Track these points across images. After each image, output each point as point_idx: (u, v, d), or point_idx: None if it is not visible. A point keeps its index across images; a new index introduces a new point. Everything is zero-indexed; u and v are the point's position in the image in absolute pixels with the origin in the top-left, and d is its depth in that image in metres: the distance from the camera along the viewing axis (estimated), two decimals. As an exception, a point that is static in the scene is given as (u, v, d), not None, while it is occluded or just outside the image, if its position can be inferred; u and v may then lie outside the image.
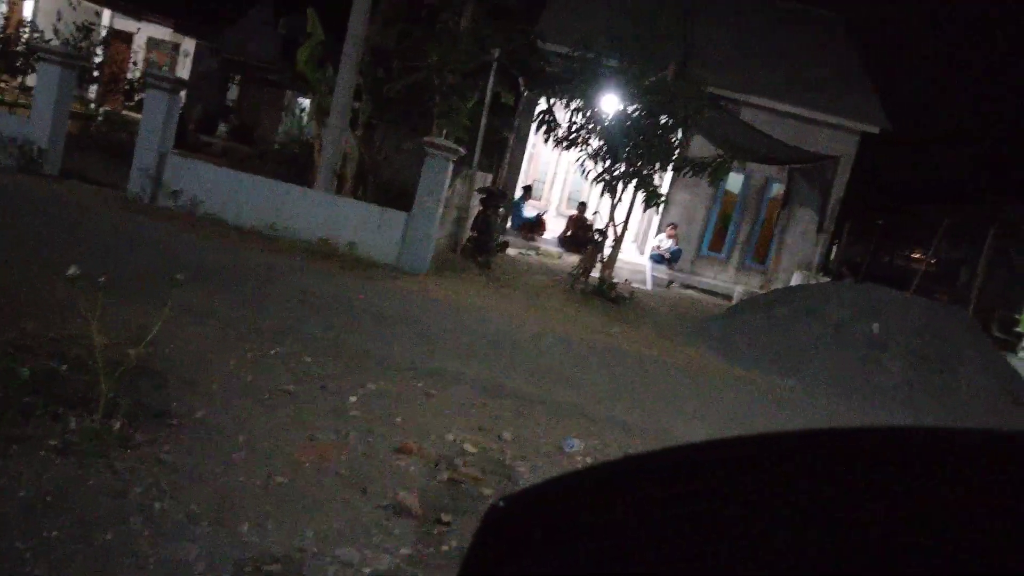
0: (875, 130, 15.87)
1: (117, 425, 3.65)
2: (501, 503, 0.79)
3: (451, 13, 12.59)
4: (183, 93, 11.67)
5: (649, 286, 15.00)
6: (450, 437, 4.70)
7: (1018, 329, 21.26)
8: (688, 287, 16.14)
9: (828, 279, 15.16)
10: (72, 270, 3.57)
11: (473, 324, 8.00)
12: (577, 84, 11.61)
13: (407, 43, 12.40)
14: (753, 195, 16.93)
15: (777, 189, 16.45)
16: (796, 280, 14.54)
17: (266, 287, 7.43)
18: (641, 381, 7.43)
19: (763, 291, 14.34)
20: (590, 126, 11.73)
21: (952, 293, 18.09)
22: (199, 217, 9.91)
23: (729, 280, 16.61)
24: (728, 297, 15.22)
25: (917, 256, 18.99)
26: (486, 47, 12.33)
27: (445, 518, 3.69)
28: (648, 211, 14.98)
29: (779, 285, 14.72)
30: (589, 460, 4.94)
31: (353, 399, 4.92)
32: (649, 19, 11.89)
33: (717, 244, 17.10)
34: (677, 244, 16.61)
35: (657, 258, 16.37)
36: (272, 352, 5.43)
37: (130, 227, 8.54)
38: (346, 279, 8.63)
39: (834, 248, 18.96)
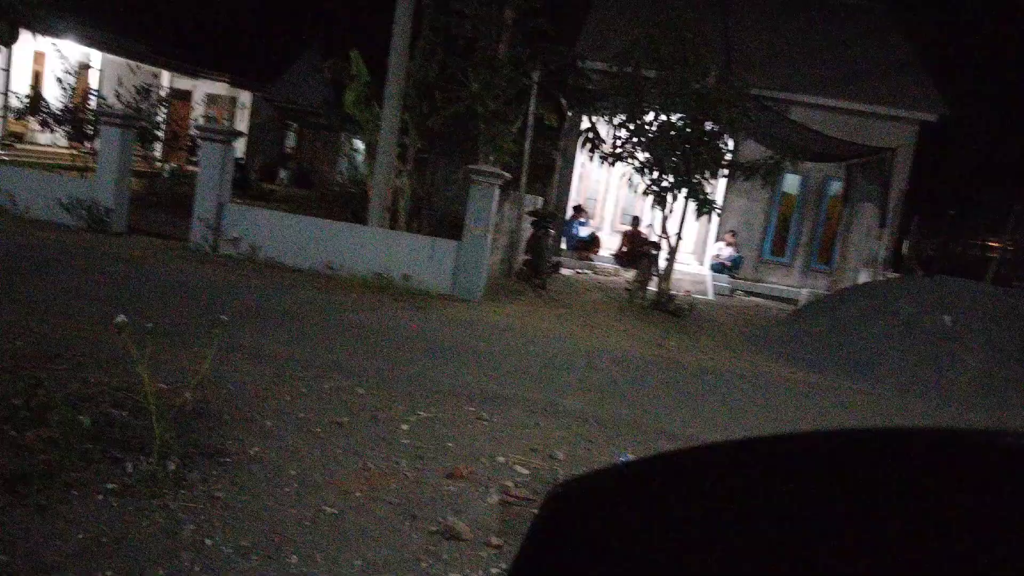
0: (933, 118, 15.34)
1: (172, 466, 3.76)
2: (560, 488, 0.81)
3: (488, 41, 12.75)
4: (237, 144, 12.10)
5: (710, 296, 14.75)
6: (501, 459, 4.69)
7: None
8: (751, 294, 15.80)
9: (897, 275, 14.63)
10: (119, 319, 3.71)
11: (526, 346, 7.99)
12: (618, 99, 11.58)
13: (447, 74, 12.60)
14: (812, 195, 16.52)
15: (836, 187, 16.02)
16: (863, 278, 14.08)
17: (320, 324, 7.59)
18: (699, 393, 7.29)
19: (830, 293, 13.93)
20: (634, 139, 11.67)
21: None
22: (258, 262, 10.21)
23: (794, 284, 16.20)
24: (794, 302, 14.84)
25: (992, 244, 18.17)
26: (525, 71, 12.43)
27: (495, 541, 3.67)
28: (706, 220, 14.77)
29: (846, 285, 14.28)
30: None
31: (405, 427, 4.96)
32: (687, 28, 11.81)
33: (779, 248, 16.72)
34: (737, 251, 16.31)
35: (717, 267, 16.09)
36: (325, 386, 5.52)
37: (190, 276, 8.85)
38: (400, 311, 8.75)
39: (904, 243, 18.30)
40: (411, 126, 12.71)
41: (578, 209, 16.65)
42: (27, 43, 17.22)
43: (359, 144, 21.78)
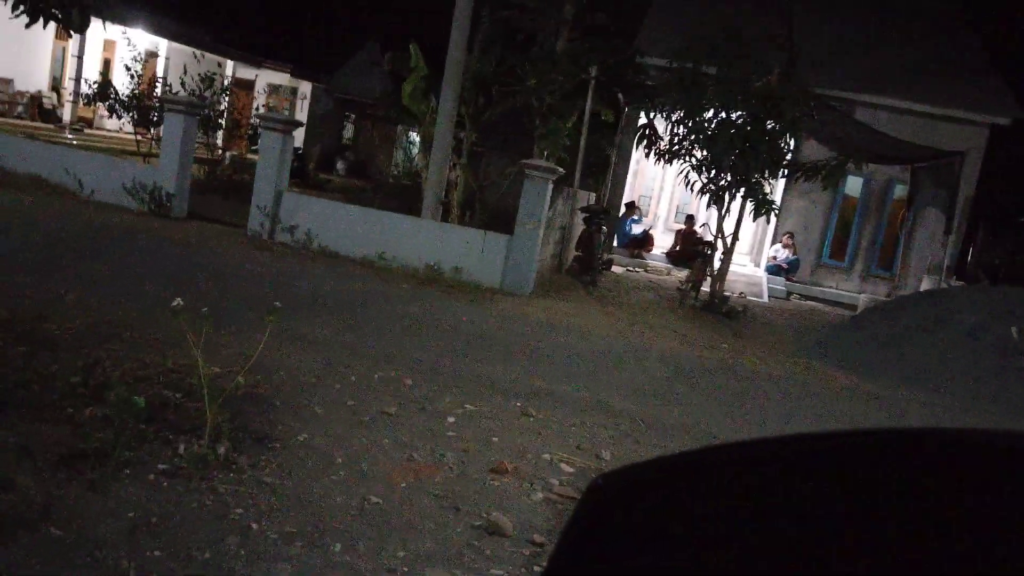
0: (1006, 121, 14.76)
1: (222, 449, 3.81)
2: (601, 480, 0.83)
3: (547, 35, 12.69)
4: (296, 133, 12.28)
5: (766, 299, 14.46)
6: (547, 457, 4.65)
7: None
8: (808, 298, 15.44)
9: (961, 283, 14.13)
10: (176, 302, 3.78)
11: (574, 343, 7.93)
12: (676, 96, 11.39)
13: (505, 69, 12.58)
14: (875, 198, 16.06)
15: (900, 190, 15.54)
16: (925, 286, 13.65)
17: (372, 314, 7.64)
18: (751, 398, 7.13)
19: (889, 299, 13.52)
20: (692, 137, 11.46)
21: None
22: (313, 250, 10.34)
23: (853, 289, 15.78)
24: (852, 307, 14.45)
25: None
26: (583, 66, 12.33)
27: (538, 539, 3.64)
28: (762, 221, 14.47)
29: (907, 292, 13.84)
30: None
31: (451, 420, 4.95)
32: (750, 24, 11.57)
33: (838, 252, 16.30)
34: (795, 254, 15.96)
35: (773, 269, 15.77)
36: (375, 376, 5.55)
37: (247, 262, 9.00)
38: (450, 303, 8.77)
39: (970, 251, 17.68)
40: (467, 119, 12.72)
41: (631, 206, 16.48)
42: (98, 31, 17.74)
43: (415, 137, 21.95)
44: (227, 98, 16.53)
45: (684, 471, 0.81)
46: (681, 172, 11.99)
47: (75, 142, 15.60)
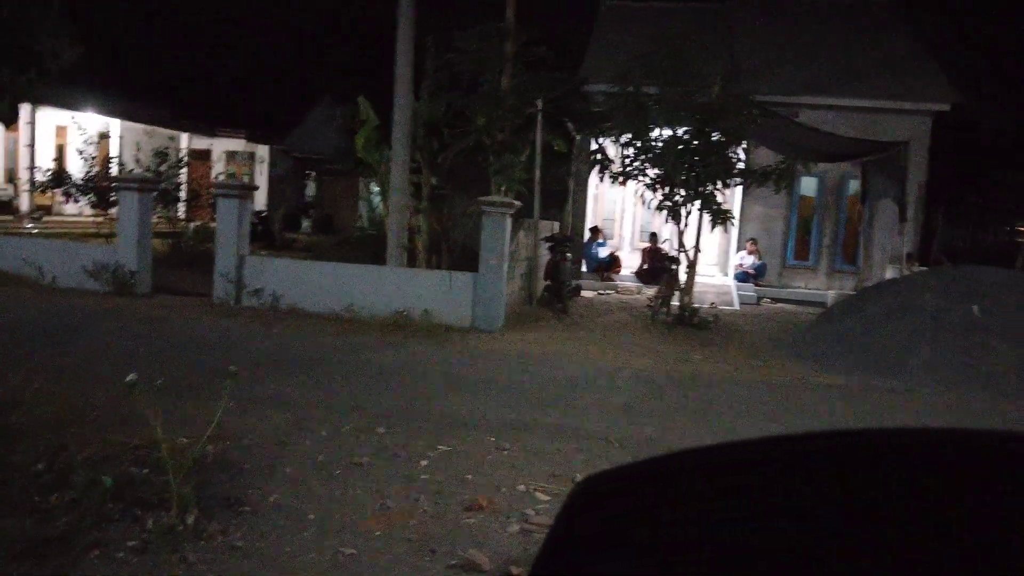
0: (946, 108, 15.17)
1: (191, 519, 3.79)
2: (583, 483, 0.82)
3: (491, 74, 12.92)
4: (258, 196, 12.34)
5: (736, 306, 14.60)
6: (521, 488, 4.66)
7: None
8: (778, 300, 15.62)
9: (924, 268, 14.38)
10: (130, 377, 3.79)
11: (547, 372, 7.97)
12: (623, 119, 11.62)
13: (454, 111, 12.77)
14: (830, 196, 16.38)
15: (854, 185, 15.86)
16: (890, 275, 13.87)
17: (341, 367, 7.64)
18: (725, 405, 7.19)
19: (856, 293, 13.72)
20: (643, 157, 11.67)
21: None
22: (280, 310, 10.34)
23: (821, 287, 16.00)
24: (822, 304, 14.63)
25: (1022, 230, 17.82)
26: (529, 100, 12.55)
27: (515, 571, 3.65)
28: (725, 230, 14.68)
29: (873, 284, 14.06)
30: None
31: (424, 463, 4.96)
32: (691, 40, 11.86)
33: (802, 252, 16.55)
34: (760, 259, 16.18)
35: (741, 276, 15.96)
36: (346, 428, 5.55)
37: (212, 331, 8.98)
38: (420, 347, 8.79)
39: (931, 236, 18.01)
40: (423, 164, 12.87)
41: (595, 230, 16.66)
42: (50, 118, 17.79)
43: (376, 187, 22.09)
44: (185, 170, 16.59)
45: (663, 474, 0.81)
46: (638, 192, 12.19)
47: (35, 230, 15.56)
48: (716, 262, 17.29)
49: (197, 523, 3.79)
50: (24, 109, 16.60)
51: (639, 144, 11.67)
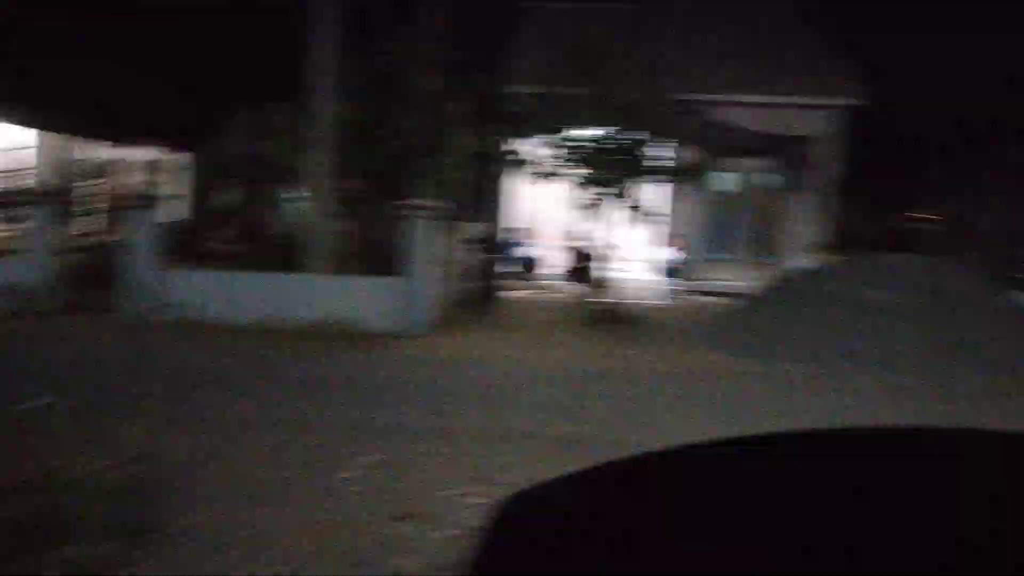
0: (856, 102, 15.82)
1: (110, 548, 3.68)
2: (505, 501, 0.82)
3: (413, 76, 12.84)
4: (176, 206, 11.99)
5: (661, 300, 14.91)
6: (452, 492, 4.67)
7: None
8: (701, 293, 16.01)
9: (835, 257, 14.97)
10: (40, 400, 3.65)
11: (474, 374, 8.00)
12: (544, 119, 11.74)
13: (377, 114, 12.66)
14: (746, 190, 16.88)
15: (770, 179, 16.38)
16: (803, 265, 14.38)
17: (264, 380, 7.50)
18: (652, 398, 7.35)
19: (774, 282, 14.19)
20: (565, 156, 11.82)
21: (968, 244, 17.77)
22: (200, 324, 10.06)
23: (741, 278, 16.45)
24: (742, 295, 15.04)
25: (926, 218, 18.77)
26: (454, 102, 12.54)
27: (446, 577, 3.66)
28: (650, 226, 14.97)
29: (790, 273, 14.56)
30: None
31: (351, 473, 4.92)
32: (611, 41, 12.06)
33: (721, 245, 17.03)
34: (683, 253, 16.53)
35: (664, 271, 16.28)
36: (269, 444, 5.46)
37: (129, 347, 8.70)
38: (344, 355, 8.70)
39: (843, 226, 18.76)
40: (347, 168, 12.71)
41: (520, 231, 16.77)
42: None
43: (298, 193, 21.70)
44: (97, 182, 15.97)
45: (586, 487, 0.81)
46: (563, 191, 12.34)
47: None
48: (639, 257, 17.60)
49: (112, 553, 3.68)
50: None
51: (561, 143, 11.82)
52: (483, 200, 15.40)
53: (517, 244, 16.40)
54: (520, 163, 12.40)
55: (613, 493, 0.80)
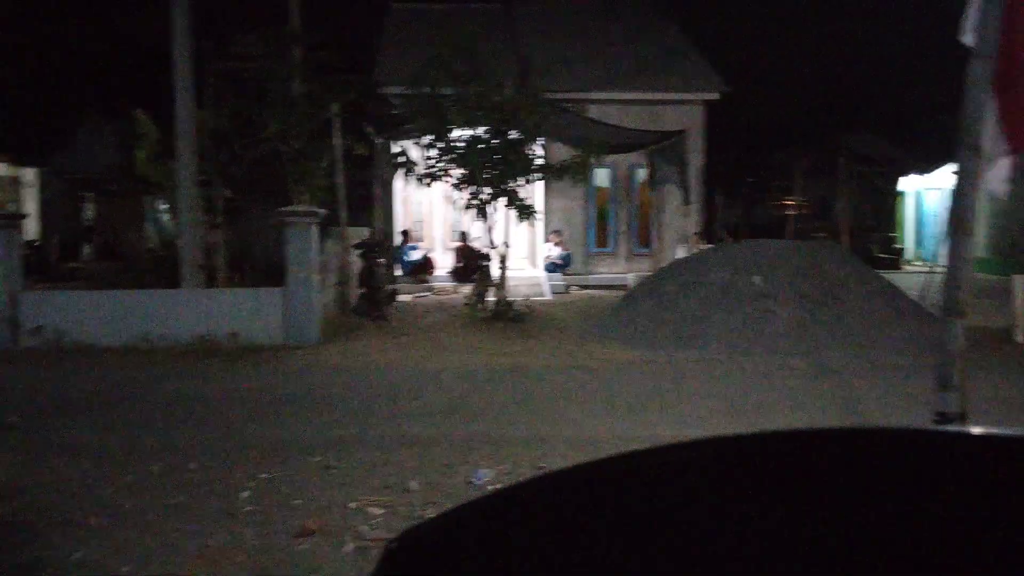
0: (715, 96, 16.57)
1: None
2: (395, 542, 0.81)
3: (280, 80, 12.45)
4: (28, 225, 11.13)
5: (548, 296, 15.12)
6: (353, 505, 4.54)
7: (897, 246, 22.51)
8: (586, 287, 16.37)
9: (710, 245, 15.64)
10: None
11: (370, 381, 7.84)
12: (421, 121, 11.66)
13: (242, 119, 12.17)
14: (622, 185, 17.39)
15: (642, 174, 16.91)
16: (680, 254, 14.94)
17: (141, 403, 7.08)
18: (546, 392, 7.43)
19: (651, 273, 14.68)
20: (445, 157, 11.78)
21: (830, 228, 19.00)
22: (66, 349, 9.39)
23: (621, 271, 16.94)
24: (625, 287, 15.48)
25: (789, 202, 19.94)
26: (323, 105, 12.24)
27: (354, 591, 3.55)
28: (531, 225, 15.15)
29: (665, 264, 15.10)
30: (500, 487, 4.86)
31: (245, 494, 4.70)
32: (480, 41, 12.08)
33: (602, 240, 17.46)
34: (565, 249, 16.85)
35: (550, 267, 16.54)
36: (153, 470, 5.14)
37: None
38: (229, 371, 8.33)
39: (712, 216, 19.64)
40: (214, 176, 12.18)
41: (406, 233, 16.61)
42: None
43: (164, 204, 20.66)
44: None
45: (481, 519, 0.80)
46: (445, 192, 12.29)
47: None
48: (525, 255, 17.80)
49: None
50: None
51: (440, 145, 11.77)
52: (366, 204, 15.14)
53: (404, 247, 16.24)
54: (401, 165, 12.24)
55: (497, 527, 0.78)
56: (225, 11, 15.54)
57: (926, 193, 22.68)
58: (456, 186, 11.97)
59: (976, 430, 0.74)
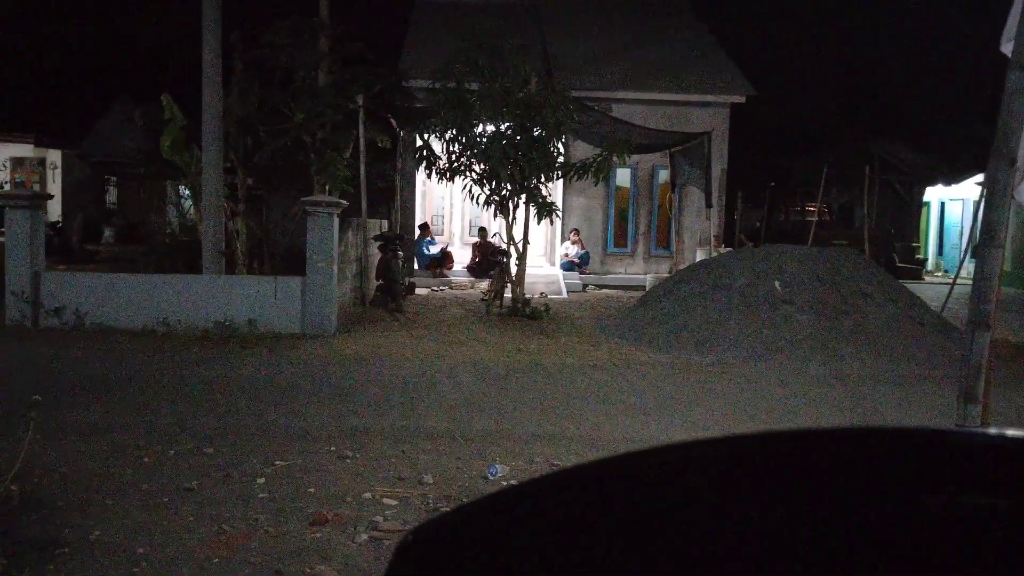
0: (741, 99, 16.45)
1: (18, 564, 3.40)
2: (410, 536, 0.81)
3: (307, 70, 12.50)
4: (52, 207, 11.23)
5: (564, 294, 15.10)
6: (368, 496, 4.55)
7: (919, 256, 22.28)
8: (602, 287, 16.33)
9: (730, 249, 15.55)
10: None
11: (386, 373, 7.86)
12: (446, 115, 11.66)
13: (268, 108, 12.24)
14: (643, 185, 17.31)
15: (664, 175, 16.84)
16: (699, 257, 14.88)
17: (160, 386, 7.13)
18: (562, 390, 7.41)
19: (671, 275, 14.61)
20: (467, 152, 11.77)
21: (850, 236, 18.83)
22: (87, 330, 9.49)
23: (639, 271, 16.88)
24: (642, 288, 15.42)
25: (810, 209, 19.74)
26: (349, 96, 12.27)
27: (367, 581, 3.56)
28: (550, 223, 15.12)
29: (685, 266, 15.02)
30: (515, 483, 4.86)
31: (261, 481, 4.72)
32: (506, 37, 12.07)
33: (621, 240, 17.39)
34: (583, 248, 16.82)
35: (567, 266, 16.52)
36: (170, 453, 5.18)
37: (8, 358, 8.10)
38: (247, 358, 8.38)
39: (734, 219, 19.51)
40: (238, 164, 12.25)
41: (425, 227, 16.63)
42: None
43: (187, 190, 20.80)
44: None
45: (487, 517, 0.80)
46: (464, 187, 12.28)
47: None
48: (543, 253, 17.78)
49: (8, 571, 3.40)
50: None
51: (463, 140, 11.77)
52: (387, 196, 15.19)
53: (423, 240, 16.26)
54: (423, 159, 12.25)
55: (507, 525, 0.78)
56: (255, 0, 15.60)
57: (949, 204, 22.43)
58: (477, 181, 11.97)
59: (986, 431, 0.74)
